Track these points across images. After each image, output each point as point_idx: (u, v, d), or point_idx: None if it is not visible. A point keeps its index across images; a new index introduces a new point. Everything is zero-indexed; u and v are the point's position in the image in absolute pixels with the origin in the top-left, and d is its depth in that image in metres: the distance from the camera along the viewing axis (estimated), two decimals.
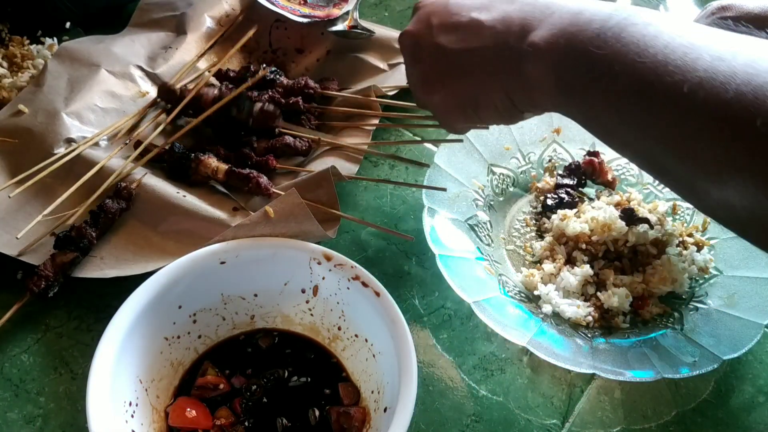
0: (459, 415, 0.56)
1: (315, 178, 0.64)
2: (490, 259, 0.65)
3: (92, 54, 0.77)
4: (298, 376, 0.55)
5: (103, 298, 0.60)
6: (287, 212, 0.56)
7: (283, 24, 0.89)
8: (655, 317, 0.62)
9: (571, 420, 0.56)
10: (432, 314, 0.62)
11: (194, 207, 0.64)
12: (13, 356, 0.57)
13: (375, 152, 0.72)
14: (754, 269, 0.61)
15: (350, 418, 0.51)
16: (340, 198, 0.63)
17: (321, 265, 0.54)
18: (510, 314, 0.58)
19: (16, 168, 0.67)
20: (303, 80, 0.76)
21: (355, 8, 0.89)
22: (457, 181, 0.68)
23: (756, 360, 0.60)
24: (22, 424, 0.54)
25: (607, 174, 0.72)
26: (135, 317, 0.50)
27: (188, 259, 0.53)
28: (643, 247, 0.65)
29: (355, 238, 0.68)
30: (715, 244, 0.66)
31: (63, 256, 0.59)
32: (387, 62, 0.84)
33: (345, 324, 0.55)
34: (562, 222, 0.66)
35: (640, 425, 0.56)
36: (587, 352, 0.56)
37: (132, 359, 0.50)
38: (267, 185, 0.64)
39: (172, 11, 0.85)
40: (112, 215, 0.63)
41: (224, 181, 0.67)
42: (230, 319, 0.57)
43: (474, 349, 0.60)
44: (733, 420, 0.57)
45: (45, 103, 0.71)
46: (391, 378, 0.49)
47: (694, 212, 0.69)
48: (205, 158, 0.67)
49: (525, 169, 0.74)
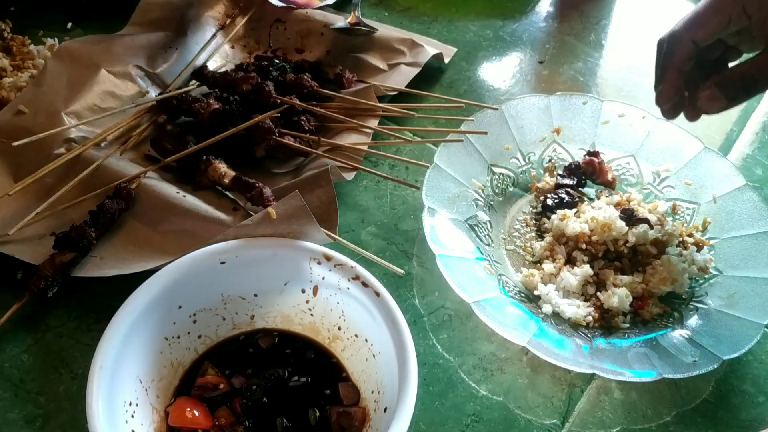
0: (459, 415, 0.56)
1: (314, 178, 0.64)
2: (490, 259, 0.65)
3: (92, 54, 0.77)
4: (298, 376, 0.54)
5: (103, 298, 0.60)
6: (289, 214, 0.56)
7: (283, 24, 0.89)
8: (655, 317, 0.62)
9: (571, 420, 0.56)
10: (432, 314, 0.62)
11: (194, 207, 0.64)
12: (13, 356, 0.57)
13: (375, 152, 0.72)
14: (754, 269, 0.61)
15: (350, 418, 0.51)
16: (339, 198, 0.63)
17: (321, 265, 0.54)
18: (510, 314, 0.58)
19: (16, 168, 0.67)
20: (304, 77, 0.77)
21: (357, 5, 0.89)
22: (457, 181, 0.68)
23: (756, 360, 0.60)
24: (22, 424, 0.53)
25: (607, 174, 0.72)
26: (135, 317, 0.50)
27: (188, 259, 0.53)
28: (643, 247, 0.65)
29: (355, 238, 0.68)
30: (715, 244, 0.66)
31: (62, 256, 0.59)
32: (387, 62, 0.84)
33: (345, 324, 0.55)
34: (562, 222, 0.66)
35: (640, 425, 0.56)
36: (587, 352, 0.56)
37: (132, 359, 0.50)
38: (269, 197, 0.64)
39: (172, 11, 0.85)
40: (112, 215, 0.63)
41: (228, 187, 0.67)
42: (230, 319, 0.57)
43: (474, 349, 0.60)
44: (733, 420, 0.57)
45: (45, 103, 0.71)
46: (391, 378, 0.49)
47: (694, 212, 0.69)
48: (215, 162, 0.67)
49: (525, 169, 0.74)
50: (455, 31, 0.96)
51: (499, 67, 0.91)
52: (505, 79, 0.89)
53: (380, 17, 0.96)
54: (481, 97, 0.86)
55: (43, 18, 0.89)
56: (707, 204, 0.68)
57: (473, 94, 0.86)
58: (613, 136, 0.74)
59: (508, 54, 0.94)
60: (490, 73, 0.90)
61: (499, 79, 0.89)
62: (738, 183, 0.67)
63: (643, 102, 0.86)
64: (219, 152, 0.69)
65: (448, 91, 0.86)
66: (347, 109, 0.76)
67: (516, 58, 0.93)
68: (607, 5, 1.03)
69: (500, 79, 0.89)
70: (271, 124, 0.70)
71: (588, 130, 0.75)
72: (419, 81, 0.81)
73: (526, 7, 1.02)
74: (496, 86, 0.88)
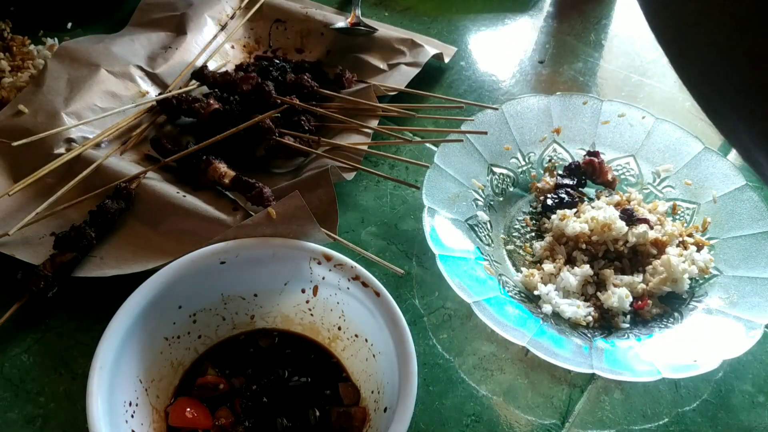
0: (459, 415, 0.56)
1: (314, 178, 0.64)
2: (490, 259, 0.65)
3: (92, 54, 0.77)
4: (298, 376, 0.54)
5: (103, 298, 0.60)
6: (289, 214, 0.56)
7: (283, 24, 0.89)
8: (655, 317, 0.62)
9: (571, 420, 0.56)
10: (432, 314, 0.62)
11: (194, 207, 0.64)
12: (13, 356, 0.57)
13: (375, 152, 0.72)
14: (754, 269, 0.61)
15: (350, 418, 0.51)
16: (339, 198, 0.63)
17: (321, 265, 0.54)
18: (510, 314, 0.58)
19: (16, 168, 0.67)
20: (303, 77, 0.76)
21: (357, 5, 0.89)
22: (457, 181, 0.68)
23: (756, 360, 0.60)
24: (22, 424, 0.53)
25: (607, 174, 0.72)
26: (135, 317, 0.50)
27: (188, 259, 0.53)
28: (643, 247, 0.65)
29: (355, 238, 0.67)
30: (715, 244, 0.66)
31: (62, 256, 0.59)
32: (387, 62, 0.84)
33: (345, 324, 0.55)
34: (561, 222, 0.66)
35: (640, 425, 0.56)
36: (587, 352, 0.56)
37: (132, 359, 0.50)
38: (269, 197, 0.64)
39: (172, 11, 0.85)
40: (112, 215, 0.63)
41: (228, 187, 0.67)
42: (230, 319, 0.57)
43: (474, 349, 0.60)
44: (733, 420, 0.57)
45: (45, 103, 0.71)
46: (391, 378, 0.49)
47: (694, 212, 0.69)
48: (216, 162, 0.67)
49: (525, 169, 0.74)
50: (455, 31, 0.96)
51: (499, 67, 0.91)
52: (505, 79, 0.89)
53: (380, 17, 0.96)
54: (481, 97, 0.86)
55: (43, 18, 0.89)
56: (707, 204, 0.68)
57: (473, 94, 0.86)
58: (613, 136, 0.74)
59: (508, 54, 0.94)
60: (490, 74, 0.90)
61: (499, 79, 0.89)
62: (738, 183, 0.67)
63: (643, 102, 0.86)
64: (219, 152, 0.69)
65: (448, 91, 0.86)
66: (347, 109, 0.76)
67: (516, 58, 0.93)
68: (607, 5, 1.03)
69: (500, 79, 0.89)
70: (271, 124, 0.70)
71: (588, 130, 0.75)
72: (419, 81, 0.81)
73: (526, 7, 1.02)
74: (496, 86, 0.88)
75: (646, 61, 0.93)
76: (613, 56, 0.94)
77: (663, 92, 0.88)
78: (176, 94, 0.76)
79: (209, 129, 0.71)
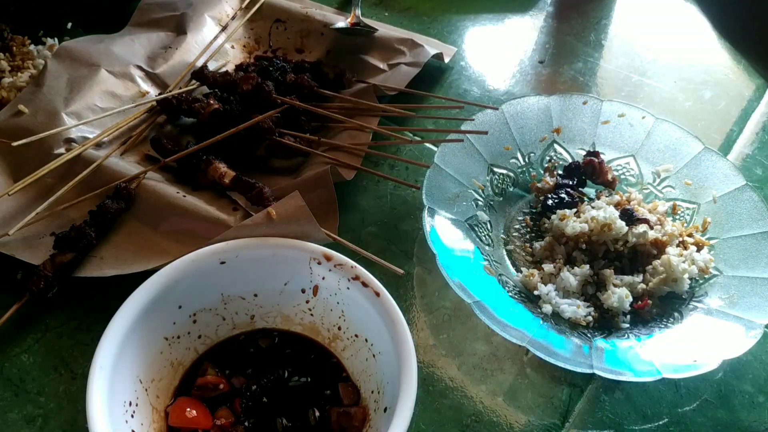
0: (459, 415, 0.56)
1: (314, 178, 0.64)
2: (489, 259, 0.65)
3: (92, 54, 0.77)
4: (298, 376, 0.54)
5: (103, 298, 0.60)
6: (289, 214, 0.56)
7: (283, 24, 0.89)
8: (655, 317, 0.62)
9: (571, 420, 0.56)
10: (432, 314, 0.62)
11: (194, 207, 0.64)
12: (13, 356, 0.57)
13: (375, 152, 0.72)
14: (754, 269, 0.61)
15: (350, 418, 0.51)
16: (339, 198, 0.63)
17: (321, 265, 0.54)
18: (510, 314, 0.58)
19: (16, 168, 0.67)
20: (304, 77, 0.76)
21: (357, 5, 0.89)
22: (457, 181, 0.68)
23: (756, 360, 0.60)
24: (22, 424, 0.53)
25: (607, 174, 0.72)
26: (135, 317, 0.50)
27: (188, 259, 0.53)
28: (643, 247, 0.65)
29: (355, 238, 0.67)
30: (715, 244, 0.66)
31: (63, 256, 0.60)
32: (387, 62, 0.84)
33: (345, 324, 0.55)
34: (561, 222, 0.66)
35: (640, 425, 0.56)
36: (587, 352, 0.56)
37: (132, 359, 0.50)
38: (269, 197, 0.64)
39: (172, 11, 0.85)
40: (112, 215, 0.63)
41: (228, 187, 0.67)
42: (230, 319, 0.57)
43: (474, 349, 0.60)
44: (733, 420, 0.57)
45: (45, 103, 0.71)
46: (391, 378, 0.49)
47: (694, 212, 0.69)
48: (216, 162, 0.67)
49: (525, 169, 0.74)
50: (455, 31, 0.96)
51: (499, 67, 0.91)
52: (505, 79, 0.89)
53: (380, 17, 0.96)
54: (481, 97, 0.86)
55: (43, 18, 0.89)
56: (707, 204, 0.68)
57: (473, 94, 0.86)
58: (613, 136, 0.74)
59: (508, 54, 0.94)
60: (490, 73, 0.90)
61: (499, 79, 0.89)
62: (738, 183, 0.67)
63: (643, 102, 0.86)
64: (219, 152, 0.69)
65: (448, 91, 0.86)
66: (347, 109, 0.76)
67: (516, 58, 0.93)
68: (607, 5, 1.03)
69: (500, 79, 0.89)
70: (271, 124, 0.70)
71: (588, 130, 0.75)
72: (419, 81, 0.81)
73: (526, 7, 1.02)
74: (496, 86, 0.88)
75: (646, 61, 0.93)
76: (613, 56, 0.94)
77: (663, 92, 0.88)
78: (176, 94, 0.76)
79: (209, 129, 0.71)
